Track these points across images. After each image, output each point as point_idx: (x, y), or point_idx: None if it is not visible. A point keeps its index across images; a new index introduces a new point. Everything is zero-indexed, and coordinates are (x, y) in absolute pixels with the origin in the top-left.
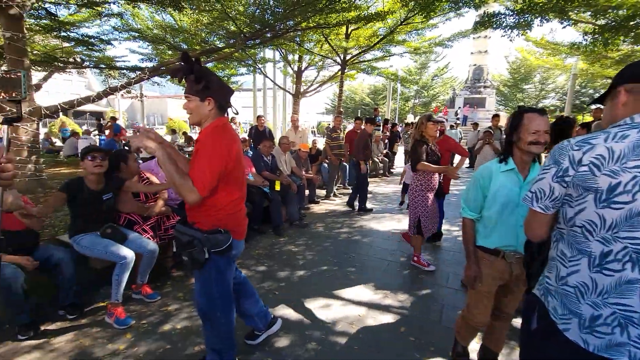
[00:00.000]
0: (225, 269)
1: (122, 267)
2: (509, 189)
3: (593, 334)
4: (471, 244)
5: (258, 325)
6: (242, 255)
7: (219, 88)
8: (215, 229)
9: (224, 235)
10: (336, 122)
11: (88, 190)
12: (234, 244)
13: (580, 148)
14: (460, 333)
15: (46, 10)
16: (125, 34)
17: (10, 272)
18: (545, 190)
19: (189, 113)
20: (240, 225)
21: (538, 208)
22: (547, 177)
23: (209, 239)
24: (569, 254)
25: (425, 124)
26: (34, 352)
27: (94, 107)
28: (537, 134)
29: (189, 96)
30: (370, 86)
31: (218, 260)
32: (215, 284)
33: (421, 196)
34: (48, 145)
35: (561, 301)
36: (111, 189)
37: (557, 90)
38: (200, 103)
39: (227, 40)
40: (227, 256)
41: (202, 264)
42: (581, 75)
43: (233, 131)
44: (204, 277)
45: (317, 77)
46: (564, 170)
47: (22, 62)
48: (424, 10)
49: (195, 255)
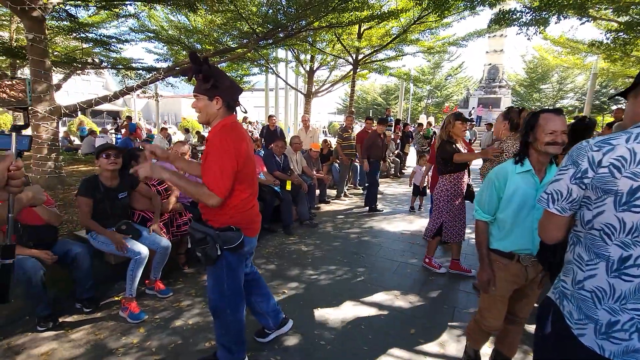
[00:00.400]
0: (237, 265)
1: (136, 262)
2: (525, 191)
3: (610, 339)
4: (484, 247)
5: (269, 323)
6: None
7: (228, 87)
8: (227, 226)
9: (236, 233)
10: (347, 122)
11: (103, 186)
12: (246, 241)
13: (600, 149)
14: (472, 337)
15: (67, 12)
16: (141, 34)
17: (30, 265)
18: (562, 192)
19: (198, 112)
20: (252, 223)
21: (554, 210)
22: (564, 178)
23: (220, 235)
24: (587, 257)
25: (453, 123)
26: (52, 343)
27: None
28: (554, 134)
29: (197, 95)
30: (383, 86)
31: (230, 257)
32: (226, 280)
33: (447, 202)
34: (67, 144)
35: (577, 306)
36: (126, 187)
37: (576, 90)
38: (209, 102)
39: (240, 40)
40: (239, 253)
41: (214, 260)
42: (601, 75)
43: (241, 129)
44: (216, 274)
45: (329, 76)
46: (583, 171)
47: (43, 63)
48: (438, 8)
49: (208, 251)
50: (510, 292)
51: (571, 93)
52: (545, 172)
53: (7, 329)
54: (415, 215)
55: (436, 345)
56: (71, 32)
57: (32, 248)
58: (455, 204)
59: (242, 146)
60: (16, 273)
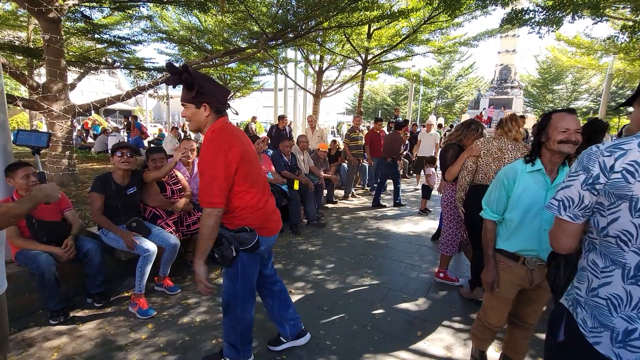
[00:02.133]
0: (251, 267)
1: (145, 259)
2: (535, 191)
3: (627, 348)
4: (491, 247)
5: (286, 331)
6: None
7: (214, 92)
8: (241, 227)
9: (250, 234)
10: (355, 122)
11: (115, 184)
12: (261, 241)
13: (612, 154)
14: (477, 336)
15: (82, 14)
16: (153, 35)
17: (44, 260)
18: (573, 199)
19: (188, 120)
20: (267, 222)
21: (566, 217)
22: (575, 184)
23: (235, 237)
24: (602, 264)
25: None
26: (63, 336)
27: (123, 105)
28: (567, 132)
29: (184, 104)
30: (392, 86)
31: (245, 258)
32: (240, 281)
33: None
34: (80, 142)
35: (591, 313)
36: (135, 182)
37: (591, 92)
38: (196, 110)
39: (249, 40)
40: (255, 253)
41: (230, 261)
42: (618, 75)
43: (233, 131)
44: (231, 274)
45: (338, 77)
46: (595, 177)
47: (59, 63)
48: (449, 8)
49: (224, 252)
50: (514, 294)
51: (586, 94)
52: (557, 172)
53: (20, 322)
54: (422, 216)
55: (443, 349)
56: (86, 33)
57: (46, 243)
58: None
59: (233, 149)
60: (30, 268)
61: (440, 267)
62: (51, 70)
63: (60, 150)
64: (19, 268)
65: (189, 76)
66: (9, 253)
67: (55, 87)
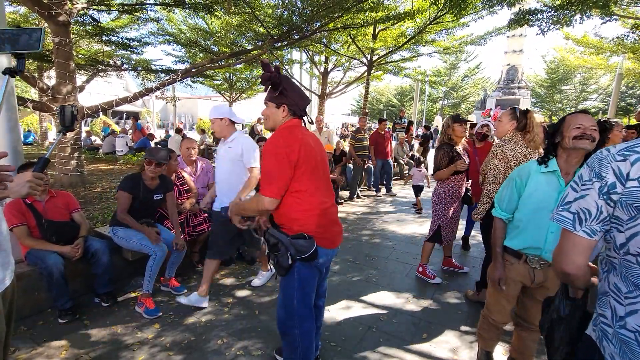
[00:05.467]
0: (309, 279)
1: (155, 260)
2: (546, 192)
3: None
4: (499, 245)
5: None
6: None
7: (295, 97)
8: (299, 233)
9: (308, 242)
10: (360, 123)
11: (144, 186)
12: (320, 252)
13: (626, 158)
14: (483, 335)
15: (91, 17)
16: (160, 37)
17: (52, 260)
18: (591, 211)
19: (265, 119)
20: (328, 231)
21: (583, 233)
22: (591, 193)
23: (293, 243)
24: (625, 289)
25: (452, 127)
26: (71, 335)
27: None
28: (582, 128)
29: (267, 102)
30: (397, 87)
31: (302, 269)
32: (296, 295)
33: (443, 204)
34: (89, 143)
35: (620, 348)
36: (162, 189)
37: (600, 92)
38: (276, 110)
39: (255, 42)
40: (312, 265)
41: (286, 269)
42: (627, 75)
43: (301, 133)
44: (287, 287)
45: (343, 78)
46: (610, 185)
47: (68, 65)
48: (455, 8)
49: (280, 258)
50: (516, 291)
51: (595, 94)
52: (573, 174)
53: (30, 320)
54: (427, 218)
55: (448, 351)
56: (95, 36)
57: (55, 243)
58: (452, 208)
59: (295, 147)
60: (39, 267)
61: (421, 261)
62: (60, 73)
63: (69, 151)
64: (29, 267)
65: (278, 77)
66: (19, 253)
67: (64, 89)
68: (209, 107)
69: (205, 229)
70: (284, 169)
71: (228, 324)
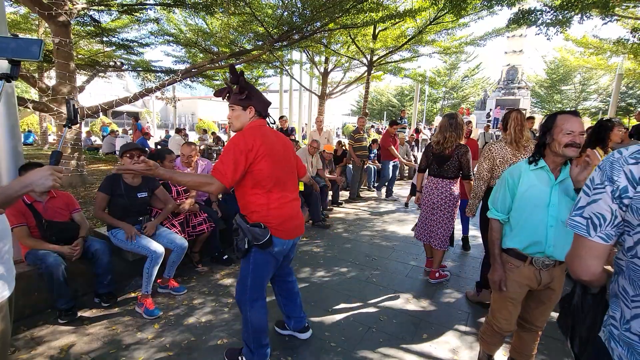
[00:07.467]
0: (263, 264)
1: (152, 260)
2: (540, 188)
3: None
4: (497, 246)
5: (290, 324)
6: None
7: (259, 98)
8: (256, 222)
9: (263, 231)
10: (359, 123)
11: (124, 184)
12: (275, 242)
13: (638, 161)
14: (485, 340)
15: (91, 17)
16: (160, 38)
17: (52, 260)
18: (605, 215)
19: (232, 122)
20: (284, 224)
21: (598, 238)
22: (604, 197)
23: (250, 230)
24: (632, 292)
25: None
26: (72, 335)
27: (131, 107)
28: (572, 135)
29: (232, 106)
30: (397, 87)
31: (257, 254)
32: (250, 276)
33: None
34: (89, 143)
35: (627, 350)
36: (146, 187)
37: (600, 92)
38: (242, 112)
39: (255, 42)
40: (267, 252)
41: (243, 252)
42: (627, 76)
43: (267, 131)
44: (244, 267)
45: (343, 78)
46: (622, 189)
47: (68, 66)
48: (455, 8)
49: (238, 242)
50: (522, 295)
51: (595, 94)
52: (560, 171)
53: (30, 321)
54: None
55: (449, 352)
56: (95, 37)
57: (55, 243)
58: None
59: (256, 144)
60: (39, 267)
61: (432, 265)
62: (61, 73)
63: (70, 151)
64: (29, 268)
65: (244, 81)
66: (19, 253)
67: (64, 89)
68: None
69: (205, 229)
70: (240, 162)
71: (228, 324)
